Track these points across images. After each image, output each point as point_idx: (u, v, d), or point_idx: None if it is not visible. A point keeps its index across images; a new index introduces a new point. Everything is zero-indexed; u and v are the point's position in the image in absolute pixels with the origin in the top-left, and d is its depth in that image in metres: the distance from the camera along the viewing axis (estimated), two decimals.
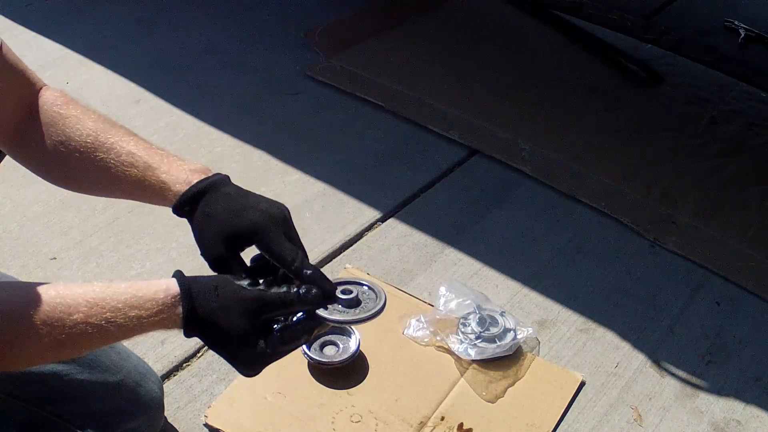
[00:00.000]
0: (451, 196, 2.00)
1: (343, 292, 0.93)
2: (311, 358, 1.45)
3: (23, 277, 1.26)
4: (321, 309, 0.90)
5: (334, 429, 1.36)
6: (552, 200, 2.01)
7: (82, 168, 1.00)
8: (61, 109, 1.01)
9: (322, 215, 1.89)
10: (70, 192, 1.02)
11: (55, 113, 1.00)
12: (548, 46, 2.77)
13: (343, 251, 1.79)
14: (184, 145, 2.09)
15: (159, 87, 2.31)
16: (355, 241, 1.82)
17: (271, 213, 1.02)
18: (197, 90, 2.34)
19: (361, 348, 1.47)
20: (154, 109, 2.23)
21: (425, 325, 1.55)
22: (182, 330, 0.88)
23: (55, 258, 1.70)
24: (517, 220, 1.94)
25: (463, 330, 1.53)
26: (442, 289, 1.63)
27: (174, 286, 0.85)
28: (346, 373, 1.45)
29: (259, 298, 0.87)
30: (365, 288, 0.98)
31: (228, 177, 1.02)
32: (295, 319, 0.90)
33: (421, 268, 1.75)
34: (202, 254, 0.94)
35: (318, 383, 1.43)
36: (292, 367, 1.46)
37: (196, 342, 1.52)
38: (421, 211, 1.94)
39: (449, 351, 1.52)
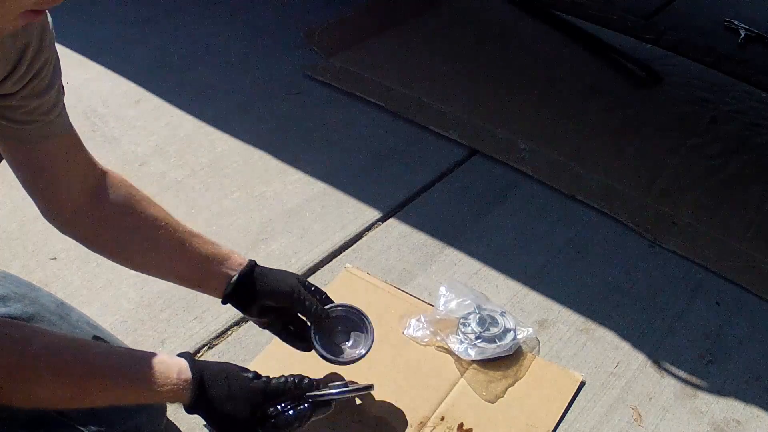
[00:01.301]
0: (451, 196, 2.00)
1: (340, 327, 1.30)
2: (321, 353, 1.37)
3: (24, 278, 1.26)
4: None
5: (334, 429, 1.36)
6: (552, 200, 2.01)
7: (146, 255, 1.16)
8: (134, 192, 1.14)
9: (322, 215, 1.89)
10: (14, 172, 1.06)
11: (132, 198, 1.13)
12: (548, 46, 2.77)
13: (343, 251, 1.79)
14: (184, 145, 2.09)
15: (159, 87, 2.31)
16: (355, 241, 1.82)
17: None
18: (197, 90, 2.34)
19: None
20: (154, 109, 2.23)
21: (425, 325, 1.55)
22: (187, 409, 1.00)
23: (55, 258, 1.70)
24: (517, 220, 1.94)
25: (463, 330, 1.53)
26: (442, 289, 1.64)
27: (186, 371, 0.98)
28: (345, 371, 1.45)
29: (263, 390, 1.05)
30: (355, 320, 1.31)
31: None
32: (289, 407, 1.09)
33: (421, 268, 1.76)
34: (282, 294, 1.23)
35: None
36: (292, 367, 1.45)
37: (197, 342, 1.52)
38: (421, 211, 1.94)
39: (449, 351, 1.52)
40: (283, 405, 1.07)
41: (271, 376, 1.10)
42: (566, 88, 2.51)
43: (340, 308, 1.33)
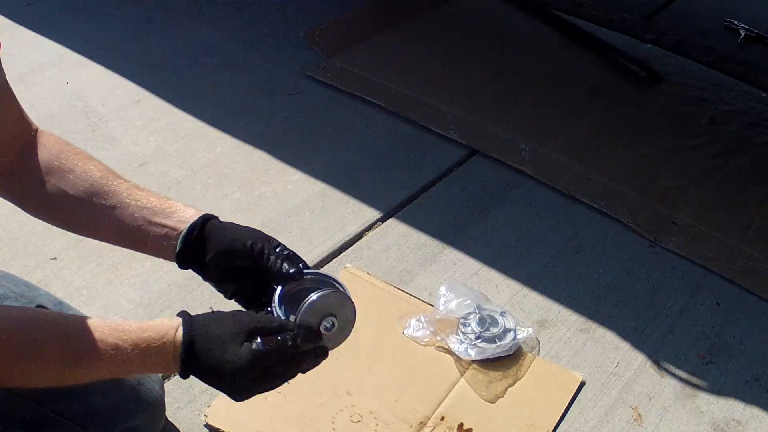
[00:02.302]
0: (451, 196, 2.00)
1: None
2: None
3: (23, 277, 1.26)
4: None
5: (334, 429, 1.36)
6: (552, 200, 2.01)
7: (81, 214, 1.04)
8: (65, 155, 1.04)
9: (322, 215, 1.89)
10: None
11: (56, 163, 1.03)
12: (548, 46, 2.77)
13: (343, 251, 1.79)
14: (184, 145, 2.09)
15: (159, 87, 2.31)
16: (355, 241, 1.82)
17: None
18: (197, 90, 2.34)
19: (361, 349, 1.46)
20: (154, 109, 2.23)
21: (425, 325, 1.55)
22: (182, 348, 0.90)
23: (55, 258, 1.70)
24: (517, 220, 1.94)
25: (463, 330, 1.53)
26: (442, 289, 1.64)
27: (176, 318, 0.91)
28: (346, 371, 1.45)
29: (250, 314, 0.94)
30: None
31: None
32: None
33: (421, 268, 1.75)
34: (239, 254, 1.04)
35: (318, 383, 1.43)
36: None
37: None
38: (421, 211, 1.94)
39: (449, 351, 1.52)
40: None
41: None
42: (566, 88, 2.51)
43: (311, 275, 1.09)
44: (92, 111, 2.20)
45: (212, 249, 1.02)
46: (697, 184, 2.11)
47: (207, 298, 1.59)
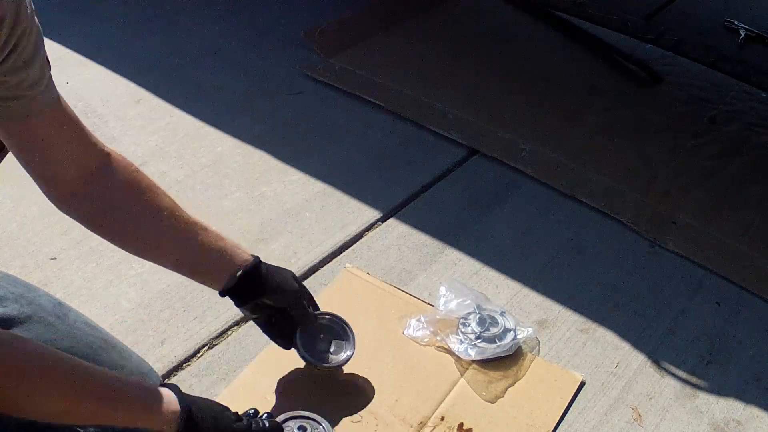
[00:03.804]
0: (451, 196, 2.00)
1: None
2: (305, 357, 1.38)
3: (23, 278, 1.26)
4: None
5: (334, 429, 1.36)
6: (552, 200, 2.01)
7: (149, 239, 1.15)
8: (138, 178, 1.12)
9: (322, 215, 1.89)
10: (14, 155, 1.05)
11: (134, 183, 1.11)
12: (548, 46, 2.77)
13: (343, 251, 1.79)
14: (184, 145, 2.09)
15: (159, 87, 2.31)
16: (355, 241, 1.82)
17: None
18: (197, 90, 2.34)
19: (361, 349, 1.44)
20: (154, 109, 2.23)
21: (425, 325, 1.55)
22: None
23: (55, 258, 1.70)
24: (517, 220, 1.94)
25: (463, 330, 1.53)
26: (442, 289, 1.64)
27: (175, 403, 0.99)
28: (345, 371, 1.45)
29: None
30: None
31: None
32: None
33: (421, 268, 1.75)
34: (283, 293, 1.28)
35: (318, 383, 1.43)
36: (292, 367, 1.46)
37: (196, 342, 1.52)
38: (421, 211, 1.94)
39: (449, 351, 1.52)
40: None
41: (241, 414, 1.13)
42: (566, 88, 2.51)
43: (326, 318, 1.40)
44: (92, 111, 2.20)
45: (262, 291, 1.23)
46: (697, 184, 2.11)
47: (207, 298, 1.59)
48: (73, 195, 1.07)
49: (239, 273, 1.20)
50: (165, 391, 0.99)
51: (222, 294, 1.22)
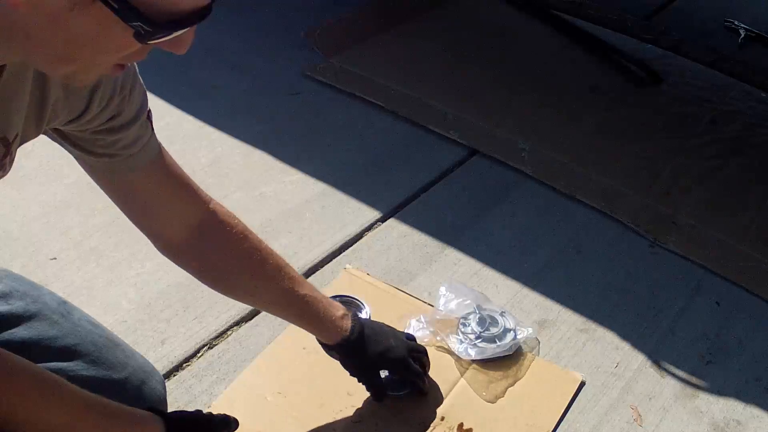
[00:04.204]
0: (451, 196, 2.00)
1: None
2: None
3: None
4: None
5: (334, 429, 1.36)
6: (552, 200, 2.01)
7: (258, 294, 1.20)
8: (242, 241, 1.13)
9: (322, 215, 1.89)
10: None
11: (237, 245, 1.13)
12: (548, 46, 2.77)
13: (343, 251, 1.79)
14: (184, 145, 2.09)
15: (159, 87, 2.31)
16: (355, 241, 1.82)
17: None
18: (197, 90, 2.34)
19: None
20: (154, 109, 2.20)
21: (425, 325, 1.55)
22: None
23: (55, 258, 1.70)
24: (517, 220, 1.94)
25: (463, 330, 1.53)
26: (442, 289, 1.63)
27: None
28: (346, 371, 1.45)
29: None
30: None
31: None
32: None
33: (421, 268, 1.75)
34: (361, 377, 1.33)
35: (318, 384, 1.43)
36: (292, 367, 1.46)
37: (196, 342, 1.52)
38: (421, 211, 1.94)
39: (449, 351, 1.52)
40: None
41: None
42: (566, 88, 2.51)
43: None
44: None
45: (371, 357, 1.28)
46: (697, 184, 2.11)
47: (207, 298, 1.59)
48: (177, 249, 1.10)
49: (345, 339, 1.25)
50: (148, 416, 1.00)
51: (327, 350, 1.30)
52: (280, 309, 1.24)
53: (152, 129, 1.00)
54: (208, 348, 1.52)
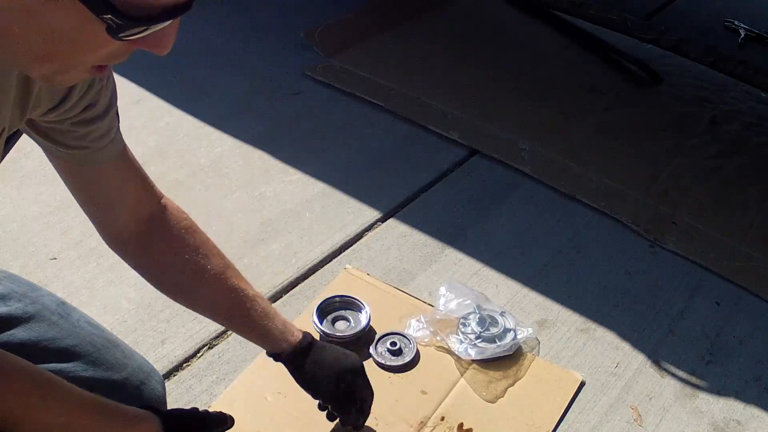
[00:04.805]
0: (451, 196, 2.00)
1: None
2: (323, 332, 1.50)
3: (24, 278, 1.26)
4: None
5: (334, 429, 1.36)
6: (552, 200, 2.01)
7: (200, 295, 1.14)
8: (188, 235, 1.10)
9: (322, 215, 1.89)
10: (70, 192, 1.04)
11: (184, 239, 1.10)
12: (548, 46, 2.77)
13: (343, 251, 1.79)
14: (184, 145, 2.09)
15: (159, 87, 2.31)
16: (355, 241, 1.82)
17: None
18: (197, 90, 2.34)
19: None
20: (154, 109, 2.23)
21: (425, 325, 1.55)
22: None
23: (55, 258, 1.70)
24: (517, 220, 1.94)
25: (463, 330, 1.53)
26: (442, 289, 1.63)
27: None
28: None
29: None
30: None
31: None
32: None
33: (421, 268, 1.75)
34: (314, 394, 1.22)
35: None
36: None
37: (196, 342, 1.52)
38: (421, 211, 1.94)
39: (449, 351, 1.52)
40: None
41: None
42: (566, 88, 2.51)
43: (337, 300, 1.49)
44: None
45: (304, 381, 1.20)
46: (697, 184, 2.11)
47: None
48: (125, 241, 1.09)
49: (271, 357, 1.18)
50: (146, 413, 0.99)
51: (274, 358, 1.21)
52: (224, 311, 1.16)
53: (118, 122, 1.00)
54: (208, 348, 1.52)
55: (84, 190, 1.03)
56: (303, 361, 1.17)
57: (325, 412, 1.27)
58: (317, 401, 1.25)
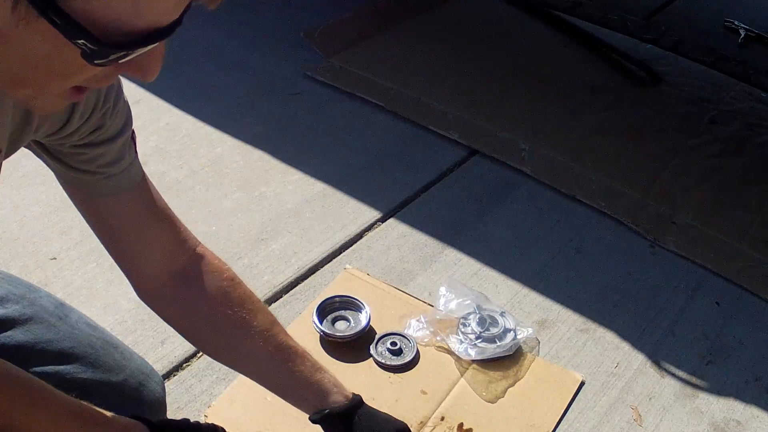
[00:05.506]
0: (451, 196, 2.00)
1: None
2: (323, 331, 1.50)
3: (23, 278, 1.26)
4: None
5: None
6: (552, 200, 2.01)
7: (245, 353, 1.05)
8: (230, 288, 1.02)
9: (322, 215, 1.89)
10: (97, 238, 1.01)
11: (227, 293, 1.02)
12: (548, 46, 2.77)
13: (343, 251, 1.79)
14: (184, 145, 2.09)
15: (159, 87, 2.31)
16: (355, 241, 1.82)
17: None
18: (197, 90, 2.34)
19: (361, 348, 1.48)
20: (154, 109, 2.23)
21: (425, 325, 1.55)
22: None
23: (55, 258, 1.70)
24: (517, 220, 1.94)
25: (463, 330, 1.53)
26: (442, 289, 1.63)
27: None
28: (346, 372, 1.45)
29: None
30: None
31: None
32: None
33: (421, 268, 1.75)
34: None
35: None
36: None
37: None
38: (421, 211, 1.94)
39: (449, 351, 1.52)
40: None
41: None
42: (566, 88, 2.51)
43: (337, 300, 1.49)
44: None
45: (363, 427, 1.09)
46: (697, 184, 2.11)
47: None
48: (159, 294, 1.02)
49: (326, 412, 1.07)
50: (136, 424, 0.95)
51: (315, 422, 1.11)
52: (272, 368, 1.07)
53: (136, 153, 0.94)
54: None
55: (98, 225, 0.97)
56: (355, 414, 1.09)
57: None
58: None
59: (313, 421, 1.09)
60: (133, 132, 0.93)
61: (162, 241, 0.99)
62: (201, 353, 1.51)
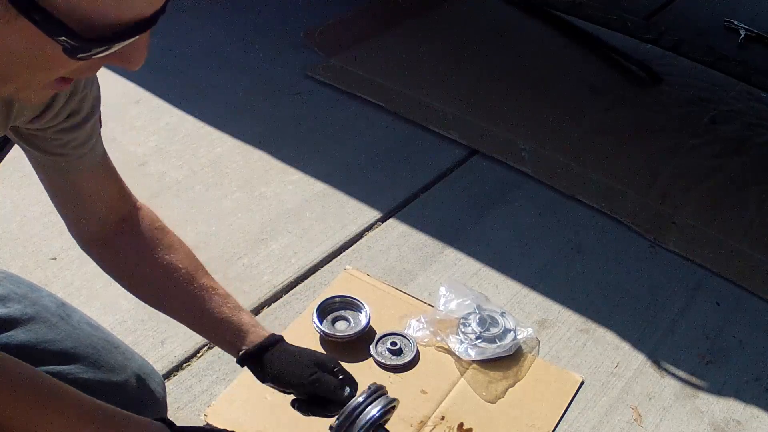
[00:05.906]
0: (451, 196, 2.00)
1: None
2: (323, 332, 1.50)
3: (23, 278, 1.26)
4: None
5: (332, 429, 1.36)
6: (552, 200, 2.01)
7: (169, 294, 1.10)
8: (160, 235, 1.09)
9: (322, 215, 1.89)
10: (45, 191, 1.05)
11: (156, 239, 1.08)
12: (548, 46, 2.77)
13: (343, 251, 1.79)
14: (184, 145, 2.09)
15: (159, 87, 2.31)
16: (355, 241, 1.82)
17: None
18: (197, 90, 2.34)
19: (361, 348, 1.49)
20: (154, 109, 2.23)
21: (425, 326, 1.55)
22: None
23: (55, 258, 1.70)
24: (517, 220, 1.94)
25: (463, 330, 1.53)
26: (442, 290, 1.63)
27: None
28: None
29: None
30: None
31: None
32: None
33: (421, 268, 1.75)
34: (288, 384, 1.09)
35: None
36: None
37: (196, 342, 1.52)
38: (421, 211, 1.94)
39: (449, 351, 1.52)
40: None
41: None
42: (566, 88, 2.51)
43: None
44: None
45: (268, 377, 1.09)
46: (697, 184, 2.11)
47: None
48: (95, 240, 1.08)
49: (240, 354, 1.09)
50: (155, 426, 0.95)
51: (241, 364, 1.11)
52: (196, 309, 1.10)
53: (100, 124, 0.99)
54: (208, 348, 1.52)
55: (64, 194, 1.03)
56: (267, 351, 1.09)
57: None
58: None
59: (240, 364, 1.11)
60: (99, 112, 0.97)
61: (109, 202, 1.06)
62: (201, 353, 1.51)
